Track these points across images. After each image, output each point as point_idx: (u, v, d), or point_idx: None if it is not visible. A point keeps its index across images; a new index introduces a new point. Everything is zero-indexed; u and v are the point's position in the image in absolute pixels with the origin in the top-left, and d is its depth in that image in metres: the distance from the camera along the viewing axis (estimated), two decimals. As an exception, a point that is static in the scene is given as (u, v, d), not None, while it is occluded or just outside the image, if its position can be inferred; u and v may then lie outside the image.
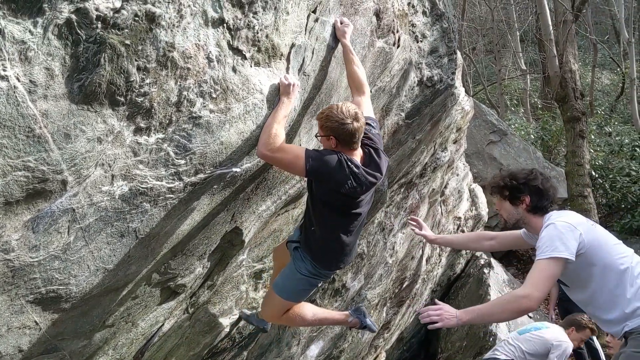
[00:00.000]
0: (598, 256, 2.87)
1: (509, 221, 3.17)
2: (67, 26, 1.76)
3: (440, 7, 4.60)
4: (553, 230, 2.86)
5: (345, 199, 2.91)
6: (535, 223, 3.07)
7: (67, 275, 2.18)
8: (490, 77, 23.45)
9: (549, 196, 3.08)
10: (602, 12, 25.64)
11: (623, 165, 11.66)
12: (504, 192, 3.14)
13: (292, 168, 2.81)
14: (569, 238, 2.81)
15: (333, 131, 2.79)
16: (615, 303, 2.85)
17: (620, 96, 18.87)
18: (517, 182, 3.10)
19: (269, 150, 2.63)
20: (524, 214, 3.10)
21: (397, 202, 6.04)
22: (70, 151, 1.91)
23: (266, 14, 2.47)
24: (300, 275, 3.16)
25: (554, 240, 2.82)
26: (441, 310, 2.79)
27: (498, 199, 3.20)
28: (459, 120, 6.58)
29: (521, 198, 3.08)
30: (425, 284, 8.27)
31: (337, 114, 2.76)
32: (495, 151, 11.66)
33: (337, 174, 2.77)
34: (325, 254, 3.12)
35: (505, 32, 21.44)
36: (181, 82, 2.17)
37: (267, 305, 3.44)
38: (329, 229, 3.04)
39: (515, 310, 2.79)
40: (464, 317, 2.80)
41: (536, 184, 3.07)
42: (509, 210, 3.14)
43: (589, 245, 2.85)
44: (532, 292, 2.74)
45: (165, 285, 2.96)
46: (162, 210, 2.37)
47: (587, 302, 3.02)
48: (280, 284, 3.28)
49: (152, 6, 1.96)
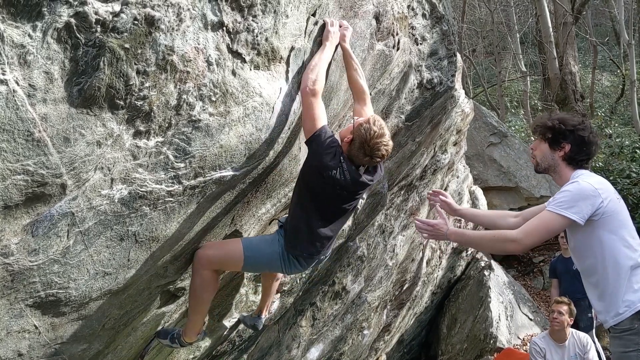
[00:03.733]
0: (612, 227, 2.80)
1: (540, 164, 3.06)
2: (67, 30, 1.76)
3: (440, 9, 4.60)
4: (575, 189, 2.81)
5: (325, 185, 2.87)
6: (565, 174, 2.98)
7: (67, 279, 2.18)
8: (491, 79, 23.46)
9: (590, 151, 3.00)
10: (602, 14, 25.65)
11: (623, 167, 11.63)
12: (547, 133, 3.03)
13: (309, 120, 2.82)
14: (586, 202, 2.75)
15: (355, 139, 2.85)
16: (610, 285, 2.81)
17: (620, 98, 18.86)
18: (564, 126, 2.98)
19: (313, 91, 2.74)
20: (558, 161, 3.00)
21: (397, 204, 6.04)
22: (70, 155, 1.91)
23: (266, 18, 2.47)
24: (276, 249, 3.03)
25: (572, 198, 2.77)
26: (432, 228, 3.01)
27: (538, 138, 3.09)
28: (459, 122, 6.59)
29: (562, 144, 2.98)
30: (426, 287, 8.26)
31: (371, 138, 2.80)
32: (496, 153, 11.65)
33: (328, 157, 2.80)
34: (295, 234, 3.02)
35: (505, 34, 21.46)
36: (181, 85, 2.17)
37: (219, 246, 3.04)
38: (303, 210, 2.99)
39: (501, 250, 2.93)
40: (452, 236, 3.03)
41: (583, 135, 2.97)
42: (545, 153, 3.04)
43: (607, 215, 2.78)
44: (522, 239, 2.76)
45: (165, 288, 2.97)
46: (161, 213, 2.37)
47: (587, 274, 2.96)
48: (255, 243, 3.10)
49: (151, 10, 1.96)
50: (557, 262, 7.32)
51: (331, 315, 5.44)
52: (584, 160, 3.00)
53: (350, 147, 2.87)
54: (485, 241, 2.94)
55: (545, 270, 10.85)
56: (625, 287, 2.77)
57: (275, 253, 3.03)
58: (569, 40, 11.77)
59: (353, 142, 2.86)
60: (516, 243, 2.75)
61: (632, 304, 2.74)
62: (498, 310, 8.08)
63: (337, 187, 2.88)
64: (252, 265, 3.14)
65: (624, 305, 2.76)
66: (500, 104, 19.69)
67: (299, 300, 4.89)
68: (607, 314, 2.84)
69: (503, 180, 11.50)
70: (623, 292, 2.77)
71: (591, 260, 2.88)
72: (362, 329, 6.31)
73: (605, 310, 2.86)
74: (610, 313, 2.82)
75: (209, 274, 2.95)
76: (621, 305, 2.77)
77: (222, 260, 2.98)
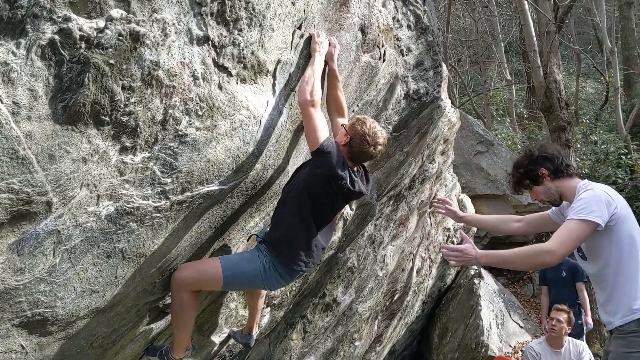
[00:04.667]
0: (626, 232, 2.90)
1: (552, 201, 3.18)
2: (51, 47, 1.75)
3: (424, 20, 4.63)
4: (591, 195, 2.90)
5: (330, 194, 2.92)
6: (567, 187, 3.09)
7: (53, 298, 2.15)
8: (476, 88, 23.63)
9: (559, 155, 3.13)
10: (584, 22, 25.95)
11: (609, 174, 11.75)
12: (524, 182, 3.17)
13: (313, 131, 2.85)
14: (604, 206, 2.84)
15: (354, 136, 2.95)
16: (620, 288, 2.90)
17: (604, 105, 19.05)
18: (523, 168, 3.15)
19: (312, 102, 2.80)
20: (553, 185, 3.12)
21: (386, 214, 6.04)
22: (55, 172, 1.89)
23: (251, 31, 2.47)
24: (255, 267, 2.97)
25: (590, 203, 2.85)
26: (460, 253, 2.90)
27: (527, 190, 3.22)
28: (446, 131, 6.62)
29: (539, 174, 3.11)
30: (416, 296, 8.25)
31: (367, 129, 2.94)
32: (483, 161, 11.72)
33: (339, 167, 2.86)
34: (289, 245, 3.00)
35: (490, 43, 21.64)
36: (167, 100, 2.16)
37: (196, 267, 2.94)
38: (302, 220, 2.97)
39: (537, 264, 2.91)
40: (482, 259, 2.92)
41: (538, 155, 3.12)
42: (541, 191, 3.16)
43: (620, 220, 2.88)
44: (557, 249, 2.78)
45: (154, 305, 2.94)
46: (149, 229, 2.35)
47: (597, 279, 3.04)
48: (233, 261, 3.02)
49: (136, 25, 1.95)
50: (547, 269, 7.33)
51: (322, 327, 5.41)
52: (568, 166, 3.12)
53: (351, 146, 2.95)
54: (520, 258, 2.91)
55: (535, 278, 10.89)
56: (635, 291, 2.87)
57: (255, 270, 2.97)
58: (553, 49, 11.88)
59: (352, 141, 2.94)
60: (552, 254, 2.78)
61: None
62: (489, 319, 8.09)
63: (341, 196, 2.94)
64: (232, 285, 3.08)
65: (635, 308, 2.84)
66: (487, 113, 19.82)
67: (290, 314, 4.86)
68: (614, 315, 2.92)
69: (491, 188, 11.57)
70: (634, 296, 2.86)
71: (602, 264, 2.96)
72: (354, 341, 6.28)
73: (613, 312, 2.94)
74: (618, 314, 2.90)
75: (187, 296, 2.89)
76: (632, 307, 2.85)
77: (200, 281, 2.92)
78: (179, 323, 2.98)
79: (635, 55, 16.51)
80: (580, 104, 19.68)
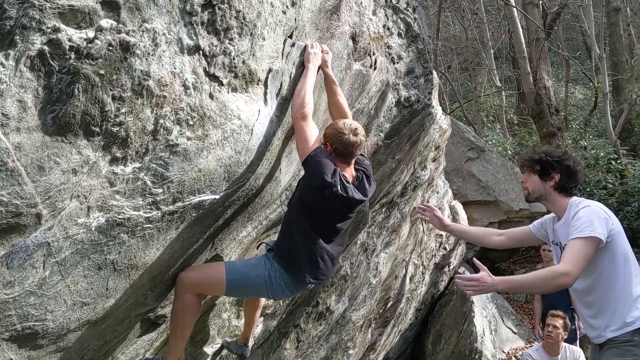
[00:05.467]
0: (621, 248, 2.97)
1: (532, 194, 3.24)
2: (40, 58, 1.74)
3: (415, 28, 4.65)
4: (590, 211, 2.96)
5: (325, 204, 2.89)
6: (559, 202, 3.15)
7: (44, 311, 2.12)
8: (467, 95, 23.76)
9: (577, 179, 3.18)
10: (573, 28, 26.21)
11: (600, 179, 11.81)
12: (535, 166, 3.21)
13: (302, 142, 2.89)
14: (604, 222, 2.91)
15: (331, 139, 2.95)
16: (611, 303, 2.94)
17: (593, 110, 19.21)
18: (551, 158, 3.17)
19: (302, 115, 2.84)
20: (549, 191, 3.17)
21: (379, 222, 6.04)
22: (45, 184, 1.87)
23: (242, 40, 2.46)
24: (262, 274, 2.97)
25: (593, 220, 2.90)
26: (477, 282, 2.86)
27: (527, 172, 3.26)
28: (437, 138, 6.63)
29: (551, 175, 3.16)
30: (410, 303, 8.24)
31: (338, 125, 2.97)
32: (474, 168, 11.75)
33: (328, 175, 2.83)
34: (293, 259, 2.99)
35: (480, 50, 21.78)
36: (157, 110, 2.15)
37: (202, 270, 2.98)
38: (300, 232, 2.97)
39: (555, 286, 2.89)
40: (500, 286, 2.90)
41: (569, 164, 3.16)
42: (536, 184, 3.21)
43: (616, 237, 2.95)
44: (572, 270, 2.81)
45: (145, 316, 2.91)
46: (140, 240, 2.33)
47: (584, 293, 3.07)
48: (239, 267, 3.03)
49: (126, 35, 1.94)
50: (538, 275, 7.35)
51: (315, 336, 5.39)
52: (573, 187, 3.17)
53: (334, 148, 2.96)
54: (538, 281, 2.93)
55: (526, 283, 10.89)
56: (630, 304, 2.91)
57: (260, 277, 2.97)
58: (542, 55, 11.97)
59: (332, 142, 2.95)
60: (568, 276, 2.80)
61: (637, 319, 2.89)
62: (482, 325, 8.09)
63: (338, 203, 2.91)
64: (236, 290, 3.07)
65: (629, 321, 2.89)
66: (477, 119, 19.93)
67: (283, 323, 4.84)
68: (605, 329, 2.96)
69: (482, 194, 11.59)
70: (628, 309, 2.90)
71: (595, 279, 3.00)
72: (347, 349, 6.26)
73: (603, 326, 2.97)
74: (610, 328, 2.94)
75: (191, 298, 2.89)
76: (625, 320, 2.89)
77: (204, 284, 2.93)
78: (177, 326, 2.95)
79: (623, 61, 16.67)
80: (570, 109, 19.85)
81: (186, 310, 2.91)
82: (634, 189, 11.08)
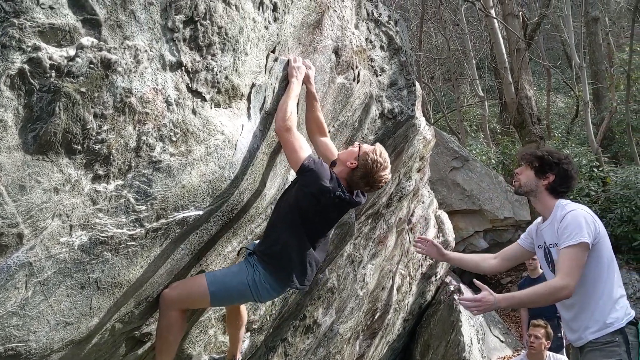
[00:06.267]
0: (605, 251, 3.03)
1: (523, 187, 3.28)
2: (20, 76, 1.72)
3: (397, 41, 4.69)
4: (578, 215, 3.01)
5: (320, 210, 2.92)
6: (546, 202, 3.20)
7: (26, 332, 2.09)
8: (450, 105, 23.95)
9: (570, 185, 3.24)
10: (553, 38, 26.56)
11: (582, 186, 11.93)
12: (535, 161, 3.25)
13: (292, 153, 2.88)
14: (591, 226, 2.98)
15: (360, 166, 2.95)
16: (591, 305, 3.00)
17: (575, 119, 19.43)
18: (552, 158, 3.22)
19: (285, 128, 2.83)
20: (541, 189, 3.22)
21: (365, 233, 6.04)
22: (26, 203, 1.85)
23: (225, 56, 2.47)
24: (244, 280, 2.93)
25: (581, 225, 2.96)
26: (479, 303, 2.94)
27: (525, 165, 3.30)
28: (422, 149, 6.67)
29: (547, 174, 3.20)
30: (397, 314, 8.23)
31: (379, 166, 2.95)
32: (459, 177, 11.83)
33: (326, 181, 2.85)
34: (283, 264, 2.97)
35: (462, 60, 22.00)
36: (140, 127, 2.14)
37: (183, 285, 2.92)
38: (294, 237, 2.96)
39: (556, 300, 2.98)
40: (502, 303, 2.98)
41: (567, 168, 3.21)
42: (530, 178, 3.25)
43: (602, 240, 3.01)
44: (570, 282, 2.89)
45: (131, 335, 2.87)
46: (124, 258, 2.31)
47: None
48: (220, 277, 2.97)
49: (107, 53, 1.94)
50: (525, 282, 7.40)
51: (303, 350, 5.35)
52: (564, 192, 3.23)
53: (353, 173, 2.97)
54: (538, 298, 3.02)
55: (513, 291, 10.95)
56: (610, 306, 2.98)
57: (243, 284, 2.93)
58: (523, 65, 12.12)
59: (357, 170, 2.96)
60: (567, 288, 2.89)
61: (616, 320, 2.95)
62: (470, 334, 8.10)
63: (333, 207, 2.94)
64: (220, 300, 3.05)
65: (609, 322, 2.95)
66: (460, 129, 20.09)
67: (270, 337, 4.80)
68: (585, 330, 3.01)
69: (467, 203, 11.67)
70: (608, 311, 2.97)
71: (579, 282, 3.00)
72: (336, 362, 6.23)
73: (582, 328, 3.03)
74: (590, 330, 3.00)
75: (175, 315, 2.86)
76: (605, 322, 2.96)
77: (187, 299, 2.90)
78: (163, 345, 2.92)
79: (602, 70, 16.92)
80: (552, 118, 20.06)
81: (170, 327, 2.88)
82: (616, 196, 11.21)
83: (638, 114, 16.70)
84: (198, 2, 2.27)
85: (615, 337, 2.93)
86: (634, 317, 3.01)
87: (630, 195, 10.91)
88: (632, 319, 3.00)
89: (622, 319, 2.96)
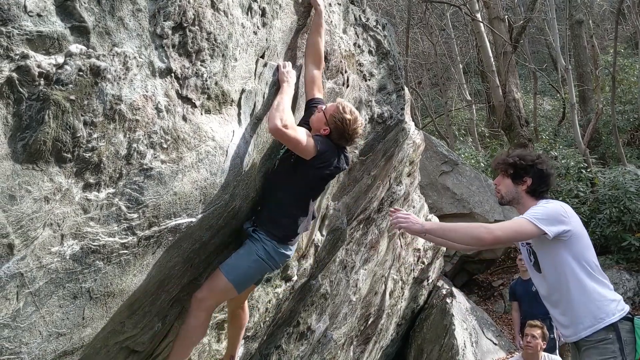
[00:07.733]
0: (578, 248, 3.01)
1: (505, 197, 3.30)
2: (8, 85, 1.71)
3: (385, 45, 4.70)
4: (549, 206, 3.04)
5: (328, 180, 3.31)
6: (529, 205, 3.18)
7: (18, 344, 2.06)
8: (438, 109, 24.03)
9: (549, 183, 3.24)
10: (538, 41, 26.77)
11: (571, 188, 12.00)
12: (509, 169, 3.26)
13: (301, 146, 2.95)
14: (557, 219, 2.97)
15: (333, 130, 3.09)
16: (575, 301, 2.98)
17: (562, 121, 19.56)
18: (524, 162, 3.22)
19: (283, 126, 2.81)
20: (521, 194, 3.22)
21: (357, 238, 6.03)
22: (16, 213, 1.83)
23: (214, 62, 2.46)
24: (255, 257, 3.05)
25: (546, 212, 2.98)
26: (409, 217, 3.10)
27: (500, 175, 3.32)
28: (412, 153, 6.68)
29: (523, 178, 3.21)
30: (390, 319, 8.22)
31: (349, 121, 3.06)
32: (448, 181, 11.86)
33: (336, 159, 3.12)
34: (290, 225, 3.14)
35: (449, 65, 22.13)
36: (130, 134, 2.13)
37: (207, 289, 3.05)
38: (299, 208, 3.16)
39: (473, 237, 3.00)
40: (427, 226, 3.15)
41: (542, 168, 3.21)
42: (508, 187, 3.26)
43: (574, 237, 3.00)
44: (495, 231, 2.95)
45: (124, 344, 2.84)
46: (116, 267, 2.29)
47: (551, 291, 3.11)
48: (232, 263, 3.07)
49: (96, 60, 1.92)
50: (516, 284, 7.43)
51: (297, 356, 5.33)
52: (544, 191, 3.23)
53: (330, 138, 3.10)
54: (461, 229, 3.11)
55: (505, 294, 10.99)
56: (598, 302, 2.96)
57: (256, 261, 3.06)
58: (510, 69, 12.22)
59: (331, 134, 3.10)
60: (489, 234, 2.92)
61: (607, 315, 2.94)
62: (463, 338, 8.10)
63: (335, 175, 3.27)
64: (244, 283, 3.14)
65: (599, 317, 2.94)
66: (449, 133, 20.17)
67: (264, 345, 4.78)
68: (577, 326, 3.00)
69: (457, 207, 11.69)
70: (596, 306, 2.95)
71: (554, 278, 3.05)
72: (330, 368, 6.20)
73: (572, 323, 3.01)
74: (581, 325, 2.98)
75: (204, 316, 3.04)
76: (597, 317, 2.94)
77: (216, 296, 3.05)
78: (182, 344, 3.04)
79: (588, 72, 17.09)
80: (539, 120, 20.20)
81: (196, 329, 3.04)
82: (605, 197, 11.28)
83: (624, 115, 16.86)
84: (187, 8, 2.27)
85: (609, 334, 2.92)
86: (628, 313, 3.00)
87: (618, 196, 10.98)
88: (626, 314, 2.98)
89: (613, 313, 2.94)
